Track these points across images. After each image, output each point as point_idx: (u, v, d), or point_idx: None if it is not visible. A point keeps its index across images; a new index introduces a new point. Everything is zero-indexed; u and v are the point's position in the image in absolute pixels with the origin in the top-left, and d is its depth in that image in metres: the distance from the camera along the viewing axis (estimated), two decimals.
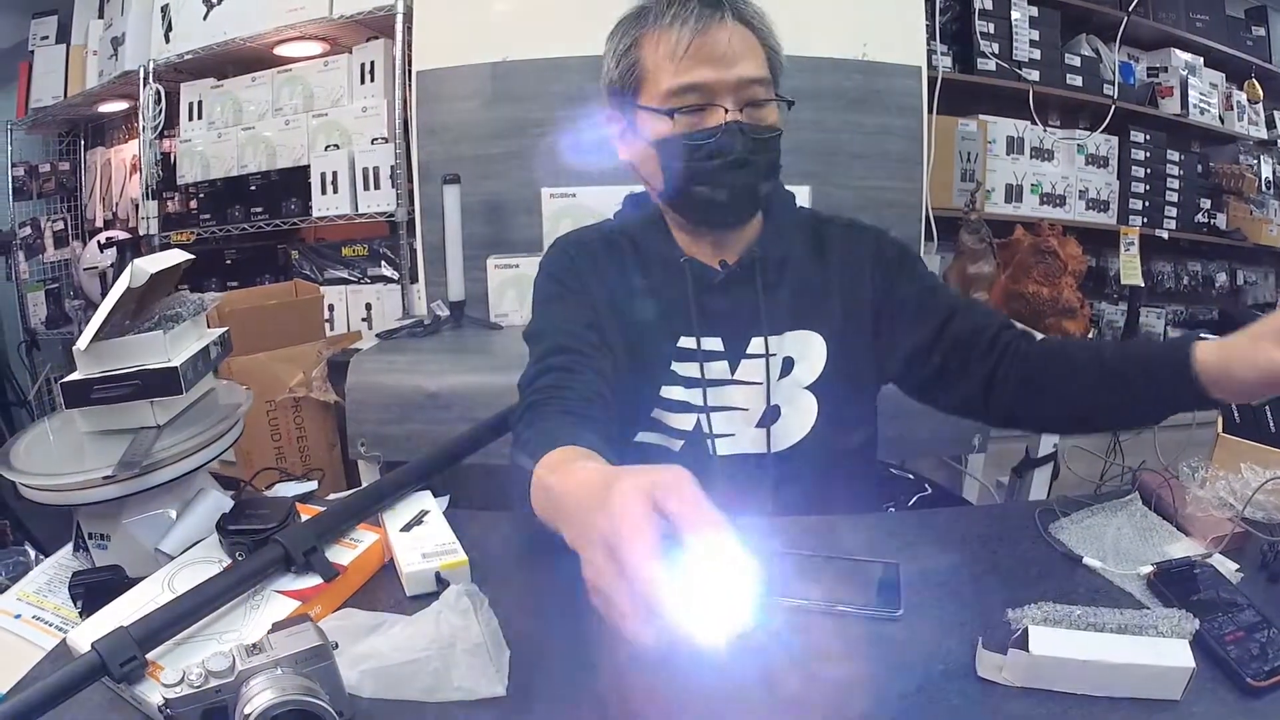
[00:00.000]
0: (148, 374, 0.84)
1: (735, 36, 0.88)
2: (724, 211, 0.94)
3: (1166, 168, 2.70)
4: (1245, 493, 0.84)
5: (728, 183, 0.90)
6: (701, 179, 0.90)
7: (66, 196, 3.25)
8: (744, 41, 0.89)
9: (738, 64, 0.87)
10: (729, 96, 0.88)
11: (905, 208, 2.17)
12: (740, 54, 0.88)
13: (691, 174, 0.90)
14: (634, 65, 0.91)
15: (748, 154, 0.89)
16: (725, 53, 0.87)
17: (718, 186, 0.90)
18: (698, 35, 0.86)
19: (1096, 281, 2.81)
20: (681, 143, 0.89)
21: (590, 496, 0.52)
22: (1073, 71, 2.52)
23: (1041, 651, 0.60)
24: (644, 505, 0.47)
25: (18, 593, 0.78)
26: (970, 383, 0.94)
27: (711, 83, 0.87)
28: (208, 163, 2.54)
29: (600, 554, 0.47)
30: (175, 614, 0.63)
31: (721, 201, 0.91)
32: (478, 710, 0.57)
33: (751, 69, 0.88)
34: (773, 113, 0.92)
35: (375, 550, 0.77)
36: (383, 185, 2.31)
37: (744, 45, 0.89)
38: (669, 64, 0.88)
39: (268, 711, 0.49)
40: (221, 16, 2.40)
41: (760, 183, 0.92)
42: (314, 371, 1.91)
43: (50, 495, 0.79)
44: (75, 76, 2.93)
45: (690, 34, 0.86)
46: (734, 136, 0.88)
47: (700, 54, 0.87)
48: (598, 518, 0.48)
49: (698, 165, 0.89)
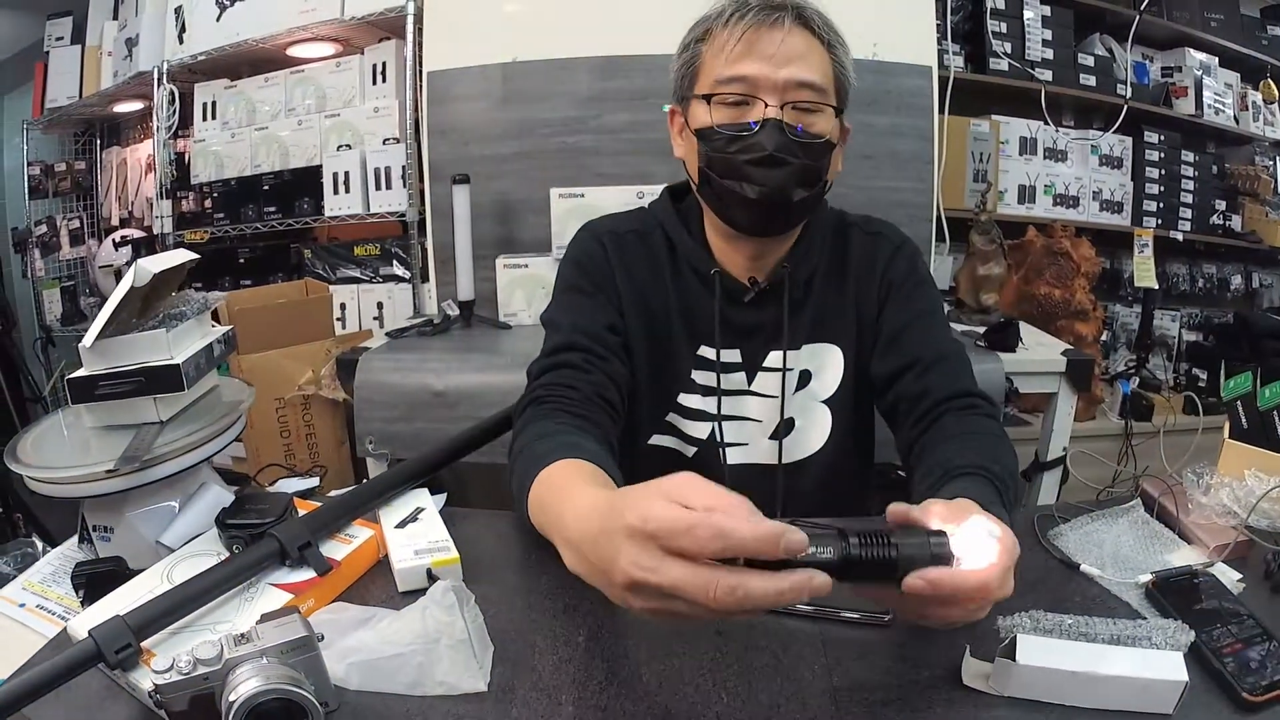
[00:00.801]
0: (151, 371, 0.85)
1: (794, 40, 0.87)
2: (752, 211, 0.91)
3: (1181, 169, 2.67)
4: (1249, 500, 0.83)
5: (758, 180, 0.88)
6: (733, 172, 0.89)
7: (82, 195, 3.29)
8: (804, 47, 0.88)
9: (789, 65, 0.86)
10: (773, 93, 0.87)
11: (916, 208, 2.15)
12: (795, 57, 0.87)
13: (726, 166, 0.89)
14: (694, 58, 0.92)
15: (784, 154, 0.87)
16: (776, 52, 0.86)
17: (748, 182, 0.88)
18: (751, 30, 0.87)
19: (1111, 284, 2.78)
20: (719, 133, 0.89)
21: (593, 528, 0.53)
22: (1086, 71, 2.50)
23: (1028, 661, 0.58)
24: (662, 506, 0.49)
25: (23, 582, 0.80)
26: (900, 440, 0.95)
27: (756, 76, 0.87)
28: (222, 162, 2.57)
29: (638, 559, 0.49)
30: (170, 604, 0.64)
31: (750, 199, 0.89)
32: (459, 705, 0.58)
33: (803, 72, 0.87)
34: (822, 122, 0.89)
35: (370, 546, 0.78)
36: (394, 185, 2.33)
37: (802, 50, 0.87)
38: (722, 56, 0.89)
39: (251, 699, 0.50)
40: (234, 18, 2.43)
41: (794, 186, 0.89)
42: (323, 370, 1.93)
43: (55, 488, 0.80)
44: (90, 77, 2.97)
45: (744, 28, 0.87)
46: (771, 133, 0.86)
47: (752, 49, 0.87)
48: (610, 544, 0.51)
49: (731, 157, 0.89)
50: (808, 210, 0.95)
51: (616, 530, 0.50)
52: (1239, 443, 0.94)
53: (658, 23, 1.02)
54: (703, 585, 0.47)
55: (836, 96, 0.91)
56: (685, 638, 0.66)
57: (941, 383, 0.91)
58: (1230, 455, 0.93)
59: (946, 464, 0.78)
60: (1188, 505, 0.85)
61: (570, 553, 0.56)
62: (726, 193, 0.90)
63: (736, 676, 0.61)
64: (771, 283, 0.97)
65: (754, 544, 0.48)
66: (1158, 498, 0.88)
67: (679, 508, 0.49)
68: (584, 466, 0.68)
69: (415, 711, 0.57)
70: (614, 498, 0.54)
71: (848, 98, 0.94)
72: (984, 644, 0.63)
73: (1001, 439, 0.85)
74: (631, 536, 0.49)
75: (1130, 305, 2.75)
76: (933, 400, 0.90)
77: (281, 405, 1.95)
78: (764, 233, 0.95)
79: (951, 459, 0.78)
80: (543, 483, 0.67)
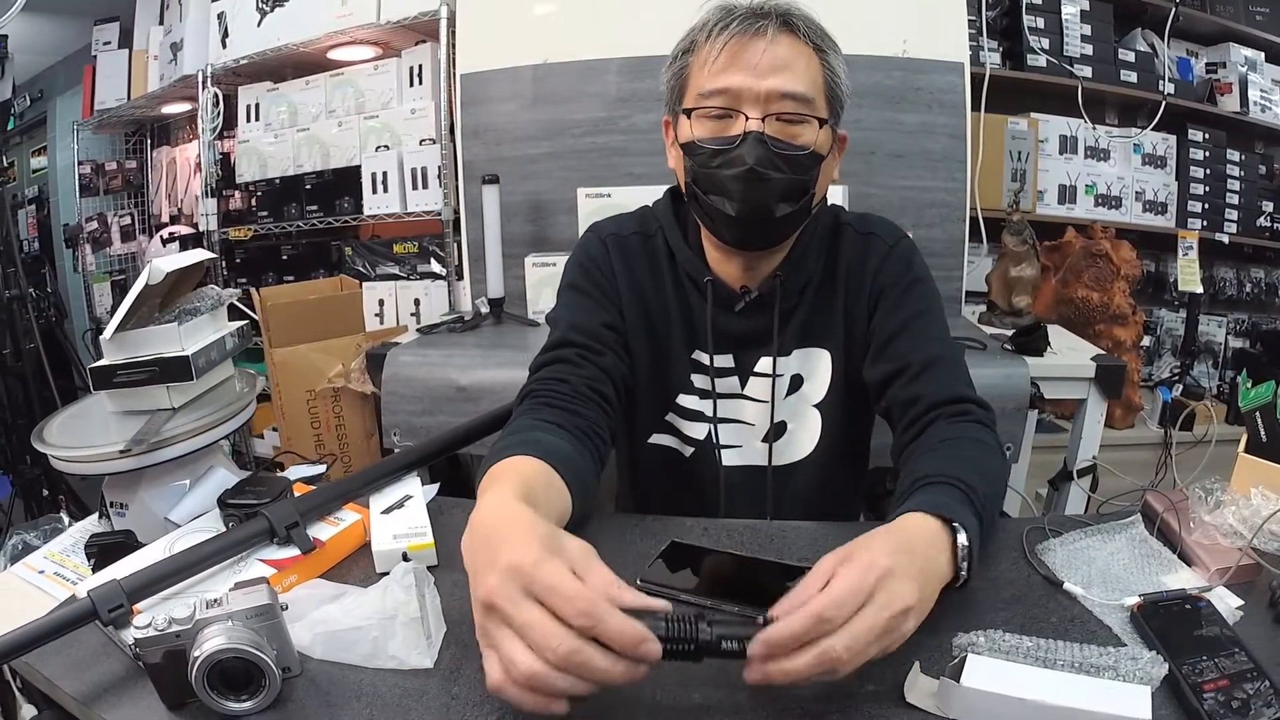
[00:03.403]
0: (163, 361, 0.92)
1: (779, 49, 0.85)
2: (735, 227, 0.90)
3: (1226, 168, 2.55)
4: (1256, 520, 0.76)
5: (739, 195, 0.86)
6: (715, 187, 0.88)
7: (133, 193, 3.42)
8: (789, 55, 0.86)
9: (772, 75, 0.84)
10: (755, 105, 0.85)
11: (948, 208, 2.11)
12: (779, 67, 0.85)
13: (709, 181, 0.88)
14: (681, 70, 0.91)
15: (765, 168, 0.85)
16: (760, 62, 0.84)
17: (728, 198, 0.87)
18: (734, 40, 0.85)
19: (1156, 288, 2.69)
20: (701, 147, 0.88)
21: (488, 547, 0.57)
22: (1127, 68, 2.42)
23: (973, 683, 0.55)
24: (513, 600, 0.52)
25: (46, 552, 0.86)
26: (893, 446, 0.94)
27: (738, 89, 0.85)
28: (265, 162, 2.67)
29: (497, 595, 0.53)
30: (163, 572, 0.69)
31: (731, 215, 0.88)
32: (406, 679, 0.61)
33: (787, 83, 0.85)
34: (807, 132, 0.87)
35: (356, 529, 0.82)
36: (430, 185, 2.39)
37: (787, 59, 0.85)
38: (706, 69, 0.87)
39: (213, 655, 0.55)
40: (274, 23, 2.52)
41: (776, 201, 0.87)
42: (352, 363, 2.00)
43: (74, 466, 0.87)
44: (138, 80, 3.09)
45: (727, 39, 0.85)
46: (753, 147, 0.84)
47: (735, 61, 0.85)
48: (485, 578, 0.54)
49: (714, 172, 0.87)
50: (793, 225, 0.93)
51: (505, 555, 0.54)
52: (1254, 457, 0.86)
53: (685, 23, 1.01)
54: (552, 634, 0.50)
55: (828, 105, 0.89)
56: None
57: (933, 388, 0.90)
58: (1244, 470, 0.86)
59: (916, 475, 0.77)
60: (1190, 523, 0.78)
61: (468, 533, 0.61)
62: (710, 208, 0.90)
63: (675, 680, 0.60)
64: (763, 292, 0.97)
65: (615, 637, 0.50)
66: (1161, 513, 0.82)
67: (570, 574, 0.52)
68: (524, 468, 0.73)
69: (367, 682, 0.60)
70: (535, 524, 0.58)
71: (842, 105, 0.92)
72: (938, 660, 0.60)
73: (987, 446, 0.84)
74: (511, 569, 0.53)
75: (1176, 310, 2.65)
76: (923, 406, 0.89)
77: (312, 397, 2.03)
78: (749, 247, 0.94)
79: (923, 469, 0.77)
80: (489, 475, 0.71)
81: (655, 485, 1.09)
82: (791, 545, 0.82)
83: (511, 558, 0.53)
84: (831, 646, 0.53)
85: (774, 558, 0.77)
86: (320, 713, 0.58)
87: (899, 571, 0.57)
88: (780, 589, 0.58)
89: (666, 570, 0.74)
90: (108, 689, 0.62)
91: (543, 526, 0.58)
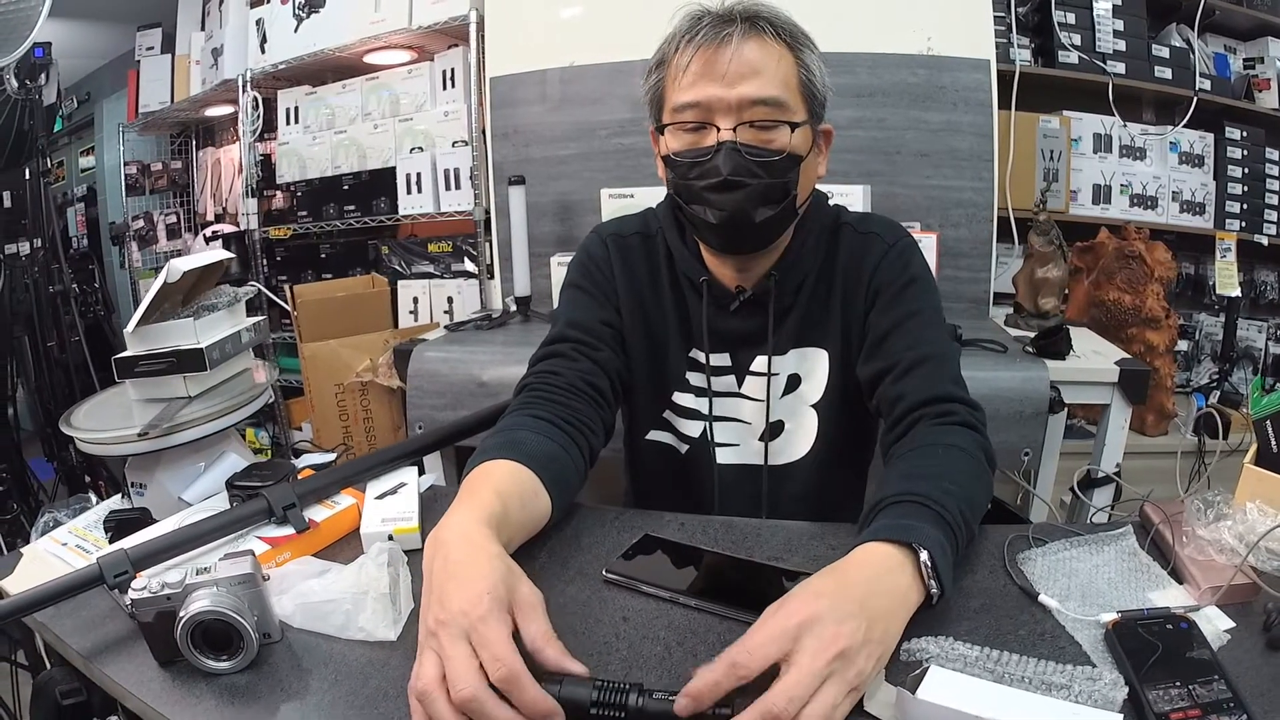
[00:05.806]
0: (180, 353, 0.99)
1: (747, 54, 0.85)
2: (717, 234, 0.91)
3: (1266, 168, 2.45)
4: (1252, 537, 0.71)
5: (717, 204, 0.87)
6: (694, 198, 0.90)
7: (179, 192, 3.54)
8: (759, 60, 0.85)
9: (741, 83, 0.84)
10: (727, 115, 0.85)
11: (975, 208, 2.08)
12: (748, 73, 0.84)
13: (689, 192, 0.90)
14: (657, 85, 0.91)
15: (740, 176, 0.85)
16: (728, 71, 0.84)
17: (709, 208, 0.88)
18: (701, 51, 0.85)
19: (1195, 291, 2.59)
20: (678, 160, 0.89)
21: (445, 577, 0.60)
22: (1161, 64, 2.34)
23: (929, 697, 0.52)
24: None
25: (70, 527, 0.93)
26: (881, 446, 0.94)
27: (709, 100, 0.85)
28: (304, 163, 2.76)
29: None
30: (167, 544, 0.75)
31: (713, 224, 0.89)
32: (372, 650, 0.65)
33: (756, 89, 0.84)
34: (782, 136, 0.87)
35: (350, 513, 0.87)
36: (463, 185, 2.44)
37: (757, 64, 0.85)
38: (677, 83, 0.87)
39: (197, 616, 0.61)
40: (310, 29, 2.60)
41: (756, 207, 0.87)
42: (380, 359, 2.06)
43: (96, 448, 0.95)
44: (181, 84, 3.20)
45: (694, 51, 0.85)
46: (727, 157, 0.85)
47: (705, 71, 0.85)
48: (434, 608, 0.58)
49: (692, 183, 0.88)
50: (777, 227, 0.93)
51: (457, 600, 0.57)
52: (1261, 469, 0.81)
53: None
54: (464, 674, 0.53)
55: (805, 103, 0.89)
56: (593, 626, 0.68)
57: (918, 386, 0.89)
58: (1249, 482, 0.80)
59: (882, 494, 0.76)
60: (1184, 537, 0.75)
61: (432, 542, 0.65)
62: (693, 217, 0.91)
63: (641, 675, 0.61)
64: (757, 292, 0.98)
65: (528, 706, 0.53)
66: (1156, 525, 0.79)
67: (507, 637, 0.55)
68: (502, 478, 0.76)
69: (338, 650, 0.65)
70: (493, 565, 0.61)
71: (822, 102, 0.91)
72: (905, 670, 0.59)
73: (962, 451, 0.81)
74: (461, 614, 0.56)
75: (1216, 314, 2.55)
76: (907, 405, 0.89)
77: (340, 391, 2.10)
78: (735, 252, 0.95)
79: (888, 488, 0.76)
80: (469, 479, 0.76)
81: (654, 482, 1.11)
82: (767, 543, 0.82)
83: (463, 605, 0.56)
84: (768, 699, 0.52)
85: (744, 555, 0.79)
86: (291, 675, 0.63)
87: (827, 615, 0.56)
88: (746, 585, 0.59)
89: (633, 562, 0.77)
90: (109, 647, 0.68)
91: (500, 569, 0.60)
